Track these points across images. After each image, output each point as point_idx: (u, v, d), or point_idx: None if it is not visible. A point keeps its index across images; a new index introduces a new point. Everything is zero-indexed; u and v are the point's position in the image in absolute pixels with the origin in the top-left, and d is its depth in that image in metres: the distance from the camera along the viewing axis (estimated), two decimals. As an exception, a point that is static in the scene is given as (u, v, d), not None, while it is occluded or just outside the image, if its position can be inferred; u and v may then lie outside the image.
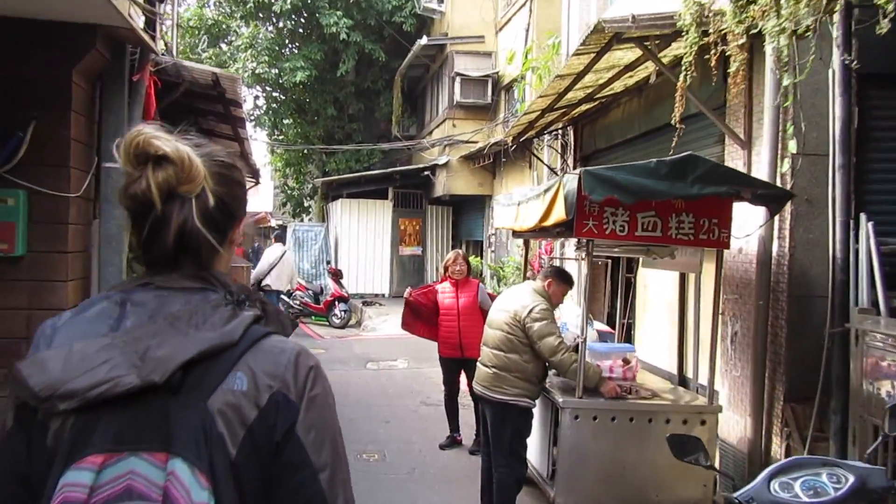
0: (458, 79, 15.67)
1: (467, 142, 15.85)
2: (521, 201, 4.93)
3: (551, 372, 4.82)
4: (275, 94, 20.24)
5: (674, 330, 6.91)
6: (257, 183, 9.99)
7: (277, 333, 1.17)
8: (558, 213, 4.08)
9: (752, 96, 5.16)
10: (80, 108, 4.17)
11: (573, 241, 10.07)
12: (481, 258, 15.71)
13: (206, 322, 1.08)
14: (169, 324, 1.07)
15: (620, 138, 7.77)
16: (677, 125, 4.92)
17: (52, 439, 1.03)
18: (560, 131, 10.03)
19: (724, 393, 5.46)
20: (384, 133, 21.90)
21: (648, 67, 6.23)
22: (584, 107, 8.21)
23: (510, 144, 9.81)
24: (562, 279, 5.01)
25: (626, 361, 5.15)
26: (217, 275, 1.18)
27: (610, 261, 7.89)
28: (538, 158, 9.98)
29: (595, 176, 3.85)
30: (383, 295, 18.27)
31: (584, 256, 6.52)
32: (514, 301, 4.76)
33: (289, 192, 22.78)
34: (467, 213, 18.86)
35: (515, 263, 12.44)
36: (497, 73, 15.75)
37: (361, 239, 18.13)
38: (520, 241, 13.94)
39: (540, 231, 4.97)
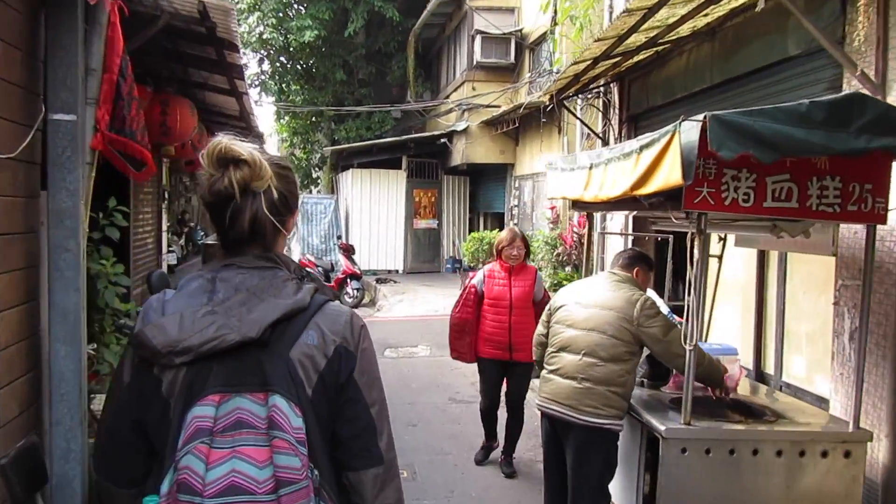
0: (478, 37, 14.44)
1: (488, 106, 14.66)
2: (595, 163, 3.81)
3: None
4: (281, 59, 19.01)
5: (749, 318, 5.84)
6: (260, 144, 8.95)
7: (332, 300, 1.52)
8: (666, 177, 2.97)
9: (888, 27, 4.02)
10: (13, 39, 3.07)
11: (613, 214, 9.01)
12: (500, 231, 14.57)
13: (281, 292, 1.42)
14: (253, 294, 1.40)
15: (684, 92, 6.62)
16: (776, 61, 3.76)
17: (167, 388, 1.36)
18: (601, 89, 8.86)
19: (836, 403, 4.39)
20: (396, 99, 20.69)
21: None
22: (639, 56, 7.06)
23: (547, 104, 8.62)
24: (648, 266, 3.95)
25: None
26: (281, 256, 1.51)
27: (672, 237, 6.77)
28: (579, 119, 8.82)
29: (726, 124, 2.73)
30: (397, 271, 17.23)
31: (645, 235, 5.47)
32: (612, 296, 3.71)
33: (296, 162, 21.65)
34: (486, 183, 17.71)
35: (545, 238, 11.34)
36: (521, 30, 14.50)
37: (374, 212, 17.05)
38: (548, 213, 12.87)
39: (623, 202, 3.87)
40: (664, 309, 4.31)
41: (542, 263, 11.40)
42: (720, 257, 5.23)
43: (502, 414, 5.52)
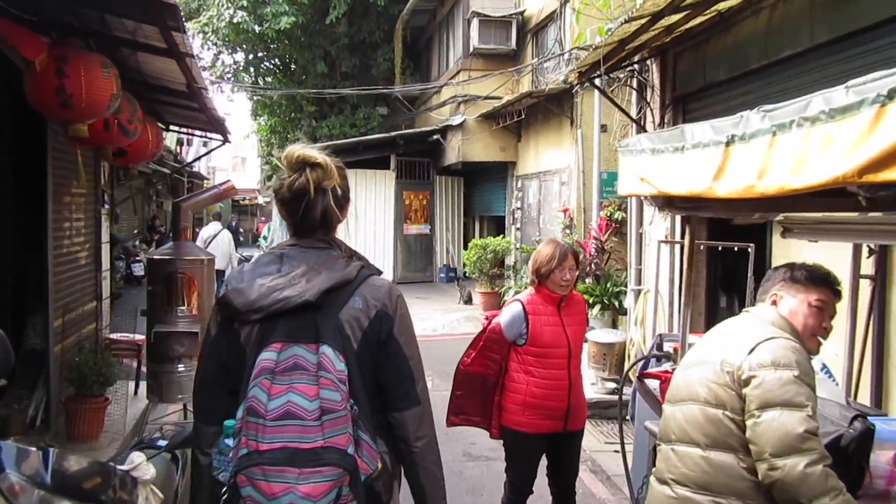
0: (475, 20, 12.94)
1: (487, 97, 13.17)
2: (744, 135, 2.30)
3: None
4: (255, 51, 17.38)
5: (840, 340, 4.39)
6: (225, 141, 7.34)
7: (375, 274, 1.93)
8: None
9: None
10: None
11: (659, 217, 7.55)
12: (504, 238, 13.06)
13: (334, 267, 1.84)
14: (311, 268, 1.82)
15: (764, 60, 5.15)
16: None
17: (244, 338, 1.79)
18: (636, 67, 7.39)
19: None
20: (382, 95, 19.14)
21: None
22: (694, 21, 5.60)
23: (577, 82, 7.14)
24: (803, 282, 2.41)
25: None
26: (334, 238, 1.96)
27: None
28: (614, 104, 7.33)
29: None
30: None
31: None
32: (723, 342, 2.32)
33: (273, 163, 20.08)
34: (484, 184, 16.21)
35: (567, 242, 9.80)
36: (522, 13, 13.03)
37: (360, 216, 15.47)
38: (561, 217, 11.41)
39: (798, 201, 2.36)
40: (819, 375, 2.79)
41: (556, 274, 9.86)
42: (874, 278, 3.73)
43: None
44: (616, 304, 9.40)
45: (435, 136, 14.58)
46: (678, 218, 6.68)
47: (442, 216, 16.46)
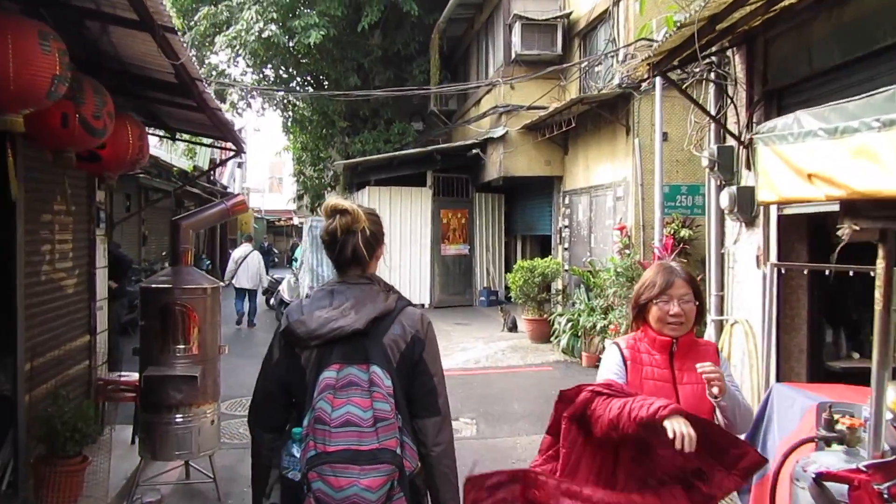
0: (517, 24, 11.98)
1: (531, 107, 12.16)
2: None
3: None
4: (285, 67, 16.63)
5: None
6: (238, 152, 6.43)
7: (409, 305, 2.23)
8: None
9: None
10: None
11: (746, 234, 6.41)
12: (552, 259, 11.96)
13: (376, 300, 2.15)
14: (357, 301, 2.13)
15: (901, 34, 4.06)
16: None
17: (304, 361, 2.11)
18: (713, 60, 6.31)
19: None
20: (417, 109, 18.29)
21: None
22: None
23: (648, 74, 6.08)
24: None
25: None
26: (373, 275, 2.25)
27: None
28: (692, 101, 6.25)
29: None
30: (423, 305, 14.64)
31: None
32: None
33: (306, 181, 19.31)
34: (527, 201, 15.17)
35: (617, 267, 8.73)
36: (568, 14, 12.04)
37: (395, 236, 14.54)
38: (616, 235, 10.31)
39: None
40: None
41: (614, 300, 8.79)
42: None
43: None
44: (685, 334, 8.22)
45: (474, 151, 13.61)
46: (772, 235, 5.56)
47: (482, 235, 15.44)
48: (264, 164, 55.47)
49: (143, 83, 4.19)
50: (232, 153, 6.57)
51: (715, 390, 2.37)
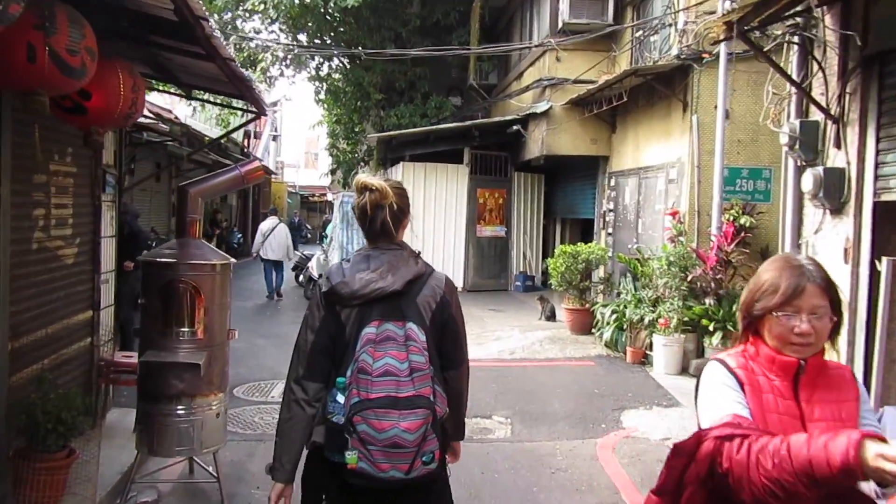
0: (567, -10, 11.18)
1: (578, 81, 11.39)
2: None
3: None
4: (319, 35, 15.97)
5: None
6: (259, 114, 5.82)
7: (434, 271, 2.45)
8: None
9: None
10: None
11: (830, 222, 5.61)
12: (597, 244, 11.23)
13: (408, 263, 2.35)
14: (392, 265, 2.32)
15: None
16: None
17: (344, 318, 2.29)
18: (799, 20, 5.52)
19: None
20: (455, 83, 17.56)
21: None
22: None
23: (725, 35, 5.32)
24: None
25: None
26: (403, 243, 2.42)
27: None
28: (773, 65, 5.47)
29: None
30: (456, 289, 14.02)
31: None
32: None
33: (339, 155, 18.74)
34: (568, 181, 14.43)
35: (670, 255, 8.00)
36: (622, -19, 11.19)
37: (428, 215, 13.92)
38: (669, 221, 9.54)
39: None
40: None
41: (665, 292, 8.08)
42: None
43: None
44: (743, 331, 7.48)
45: (515, 127, 12.88)
46: (865, 224, 4.81)
47: (519, 217, 14.74)
48: (300, 139, 55.18)
49: (141, 23, 3.60)
50: (252, 115, 5.96)
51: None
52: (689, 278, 7.85)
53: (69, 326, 4.76)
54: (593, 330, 9.36)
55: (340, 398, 2.22)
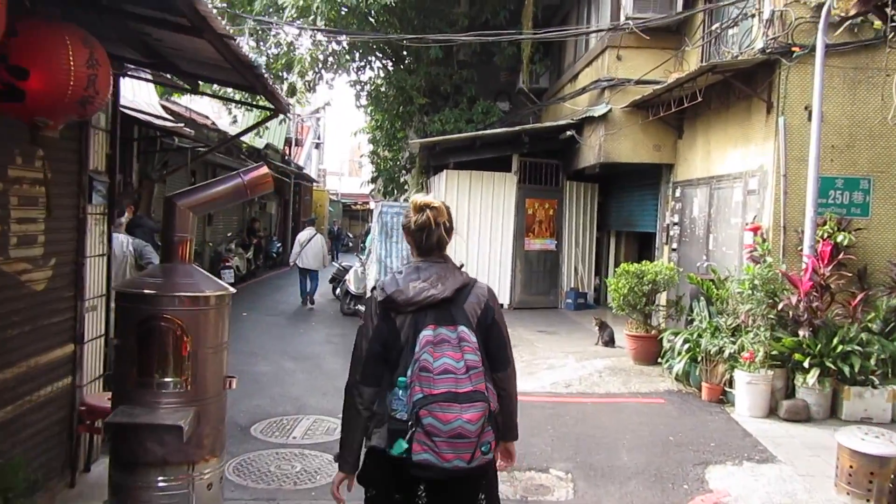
0: (630, -18, 10.14)
1: (641, 81, 10.32)
2: None
3: None
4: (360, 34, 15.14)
5: None
6: (276, 112, 4.90)
7: (479, 281, 2.65)
8: None
9: None
10: None
11: None
12: (667, 263, 10.14)
13: (455, 274, 2.55)
14: (440, 275, 2.51)
15: None
16: None
17: (399, 323, 2.47)
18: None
19: None
20: (503, 88, 16.60)
21: None
22: None
23: (858, 7, 4.25)
24: None
25: None
26: (447, 256, 2.62)
27: None
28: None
29: None
30: (501, 306, 12.95)
31: None
32: None
33: (379, 162, 17.91)
34: (624, 192, 13.32)
35: (755, 277, 6.89)
36: (692, -29, 10.10)
37: (473, 226, 12.97)
38: (748, 237, 8.40)
39: None
40: None
41: (748, 320, 6.96)
42: None
43: None
44: (846, 369, 6.37)
45: (569, 132, 11.83)
46: None
47: (571, 230, 13.66)
48: (344, 146, 54.82)
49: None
50: (269, 113, 5.06)
51: None
52: (779, 306, 6.71)
53: (39, 366, 3.92)
54: (660, 360, 8.26)
55: (403, 395, 2.40)
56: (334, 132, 58.71)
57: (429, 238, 2.57)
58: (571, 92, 12.50)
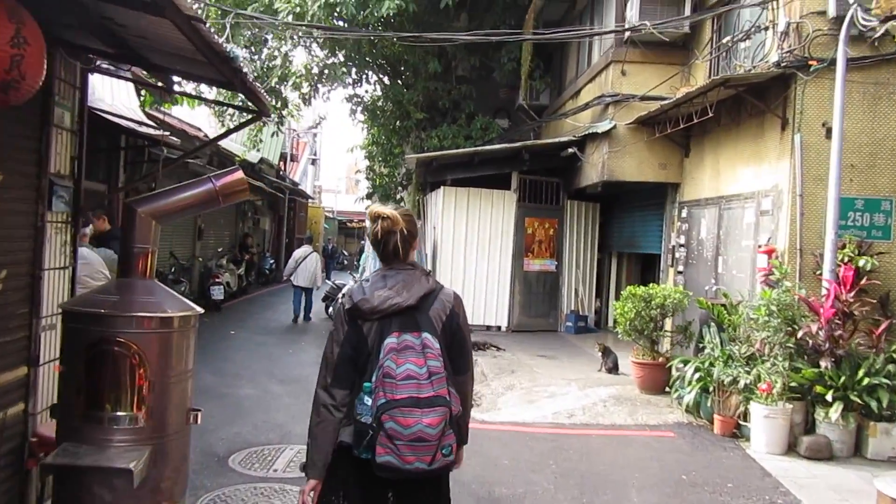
0: (636, -7, 9.81)
1: (646, 97, 9.96)
2: None
3: None
4: (358, 48, 14.76)
5: None
6: (258, 114, 4.47)
7: (443, 287, 2.69)
8: None
9: None
10: None
11: None
12: (676, 287, 9.74)
13: (420, 281, 2.59)
14: (406, 283, 2.56)
15: None
16: None
17: (366, 331, 2.52)
18: None
19: None
20: (503, 104, 16.27)
21: None
22: None
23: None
24: None
25: None
26: (414, 262, 2.68)
27: None
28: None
29: None
30: (499, 328, 12.56)
31: None
32: None
33: (375, 179, 17.50)
34: (626, 211, 12.93)
35: (771, 303, 6.48)
36: (701, -18, 9.78)
37: (471, 245, 12.54)
38: (760, 260, 7.98)
39: None
40: None
41: (761, 348, 6.55)
42: None
43: None
44: (872, 404, 5.92)
45: (571, 150, 11.45)
46: None
47: (572, 250, 13.23)
48: (341, 163, 54.50)
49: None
50: (251, 115, 4.64)
51: None
52: (798, 334, 6.28)
53: (-18, 393, 3.46)
54: (668, 389, 7.81)
55: (367, 400, 2.46)
56: (331, 149, 58.56)
57: (385, 247, 2.64)
58: (573, 108, 12.14)
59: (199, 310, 3.12)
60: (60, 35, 3.64)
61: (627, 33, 10.06)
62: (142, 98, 10.52)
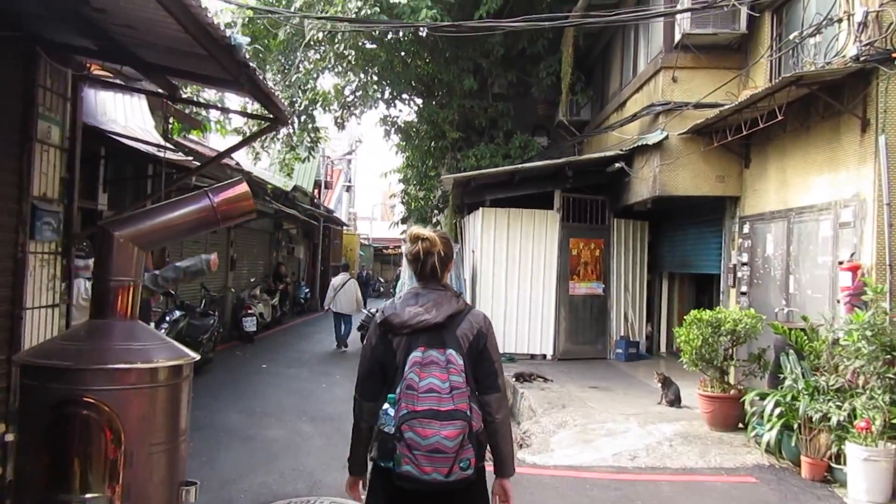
0: (687, -4, 9.11)
1: (701, 105, 9.21)
2: None
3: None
4: (390, 65, 14.27)
5: None
6: (275, 122, 3.86)
7: (473, 308, 2.81)
8: None
9: None
10: None
11: None
12: (747, 310, 8.89)
13: (450, 301, 2.72)
14: (436, 302, 2.69)
15: None
16: None
17: (395, 344, 2.66)
18: None
19: None
20: (541, 122, 15.61)
21: None
22: None
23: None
24: None
25: None
26: (447, 284, 2.85)
27: None
28: None
29: None
30: (544, 356, 11.78)
31: None
32: None
33: (410, 202, 16.93)
34: (678, 229, 12.11)
35: (867, 327, 5.64)
36: (757, -19, 9.03)
37: (512, 269, 11.83)
38: (844, 278, 7.11)
39: None
40: None
41: (853, 379, 5.69)
42: None
43: None
44: None
45: (618, 164, 10.73)
46: None
47: (620, 272, 12.43)
48: (376, 190, 54.34)
49: None
50: (266, 122, 4.06)
51: None
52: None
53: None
54: (742, 425, 6.97)
55: (391, 411, 2.59)
56: (365, 176, 58.52)
57: (423, 267, 2.80)
58: (619, 120, 11.42)
59: (194, 356, 2.49)
60: (39, 32, 3.09)
61: (678, 36, 9.36)
62: (170, 125, 10.13)
